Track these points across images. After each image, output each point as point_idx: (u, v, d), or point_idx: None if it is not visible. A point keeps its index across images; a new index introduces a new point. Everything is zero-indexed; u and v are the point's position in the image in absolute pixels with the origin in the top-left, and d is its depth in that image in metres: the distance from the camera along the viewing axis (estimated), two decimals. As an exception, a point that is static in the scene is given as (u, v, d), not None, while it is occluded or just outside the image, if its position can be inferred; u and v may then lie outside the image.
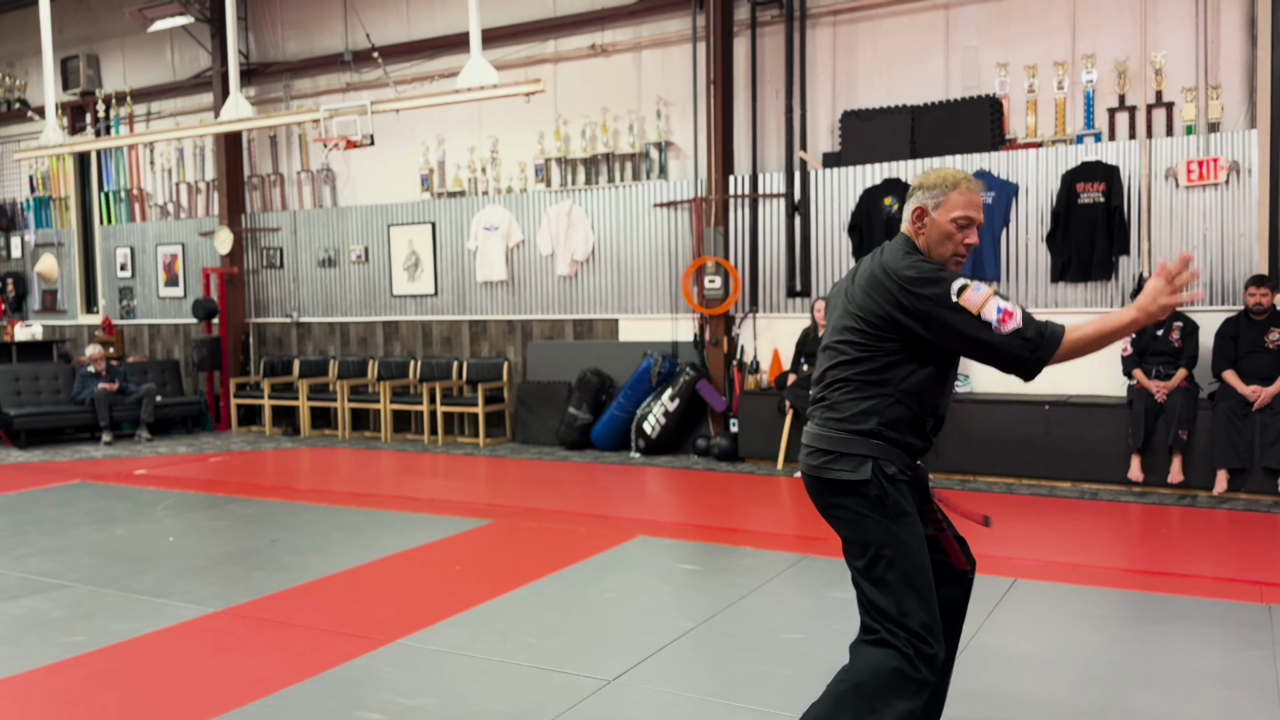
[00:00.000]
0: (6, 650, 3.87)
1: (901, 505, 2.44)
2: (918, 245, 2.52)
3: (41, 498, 7.07)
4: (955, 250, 2.50)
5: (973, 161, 7.80)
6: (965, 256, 2.54)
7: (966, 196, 2.48)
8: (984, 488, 7.06)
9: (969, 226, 2.49)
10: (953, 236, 2.48)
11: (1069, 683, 3.47)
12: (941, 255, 2.50)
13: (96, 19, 12.23)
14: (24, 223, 13.06)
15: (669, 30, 9.07)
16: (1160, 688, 3.39)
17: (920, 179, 2.54)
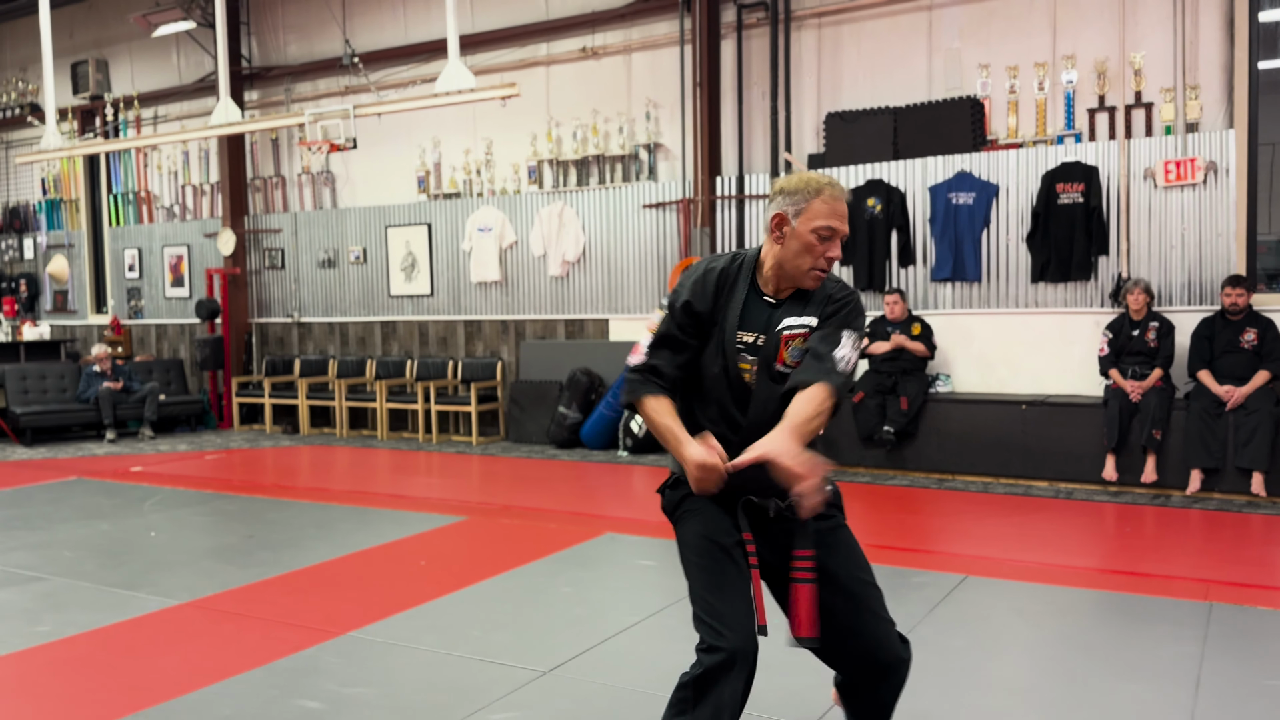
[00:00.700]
0: (-25, 639, 4.04)
1: (678, 506, 2.43)
2: (773, 255, 2.38)
3: (36, 494, 7.27)
4: (814, 265, 2.33)
5: (954, 162, 7.84)
6: (825, 272, 2.36)
7: (830, 205, 2.32)
8: (961, 487, 7.11)
9: (831, 238, 2.31)
10: (813, 248, 2.32)
11: (986, 677, 3.54)
12: (799, 268, 2.35)
13: (106, 24, 12.47)
14: (36, 224, 13.34)
15: (658, 33, 9.16)
16: (1076, 680, 3.45)
17: (782, 183, 2.38)
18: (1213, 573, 4.79)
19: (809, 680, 3.14)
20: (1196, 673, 3.48)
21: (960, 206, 7.82)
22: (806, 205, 2.32)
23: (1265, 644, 3.80)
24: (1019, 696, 3.38)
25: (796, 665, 2.94)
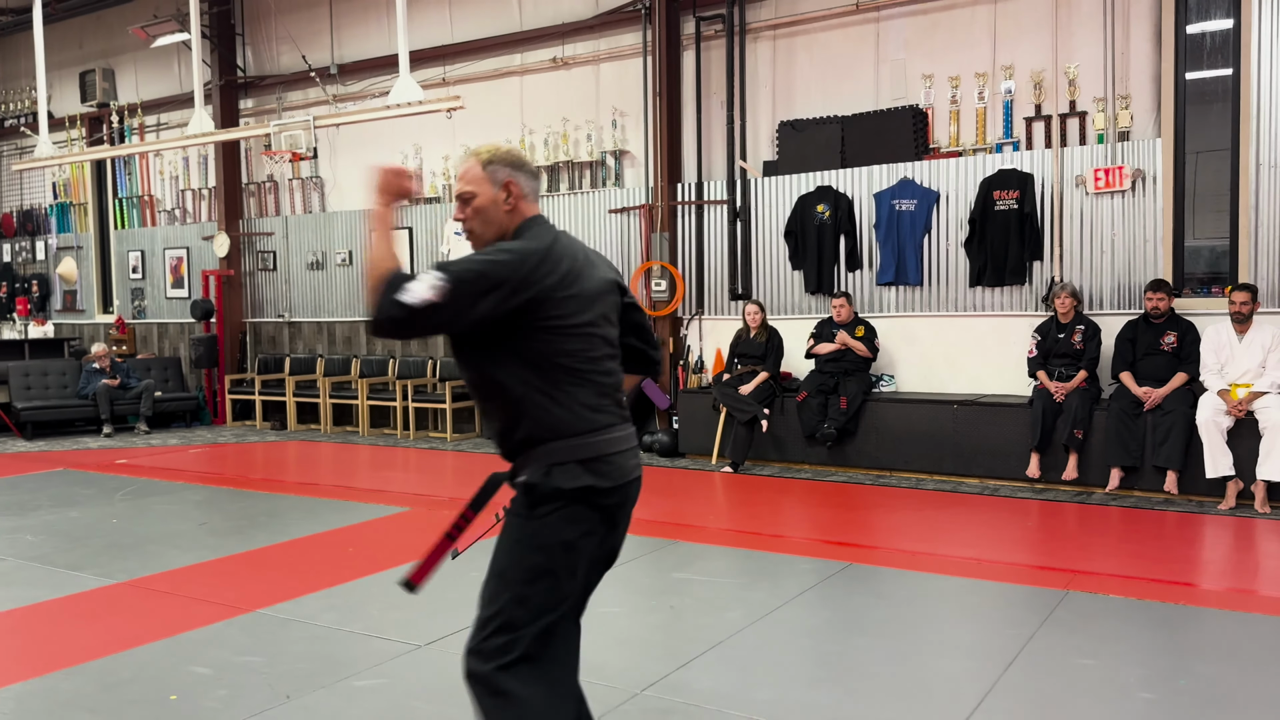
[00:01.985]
0: (-76, 612, 4.46)
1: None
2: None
3: (21, 483, 7.74)
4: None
5: (897, 170, 8.09)
6: (465, 232, 2.46)
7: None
8: (895, 483, 7.37)
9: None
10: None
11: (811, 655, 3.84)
12: None
13: (112, 35, 12.99)
14: (47, 227, 13.92)
15: (624, 44, 9.48)
16: (894, 657, 3.73)
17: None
18: (1086, 564, 5.04)
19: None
20: (1016, 652, 3.76)
21: (903, 213, 8.07)
22: None
23: (1098, 627, 4.06)
24: (831, 669, 3.67)
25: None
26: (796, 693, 3.44)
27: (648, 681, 3.53)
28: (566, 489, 2.28)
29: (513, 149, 2.47)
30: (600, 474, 2.31)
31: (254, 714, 3.29)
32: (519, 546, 2.29)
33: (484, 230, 2.43)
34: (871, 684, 3.52)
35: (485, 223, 2.41)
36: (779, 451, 8.11)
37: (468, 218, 2.40)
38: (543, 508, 2.28)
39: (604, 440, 2.34)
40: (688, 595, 4.61)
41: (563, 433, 2.30)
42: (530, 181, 2.44)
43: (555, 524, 2.29)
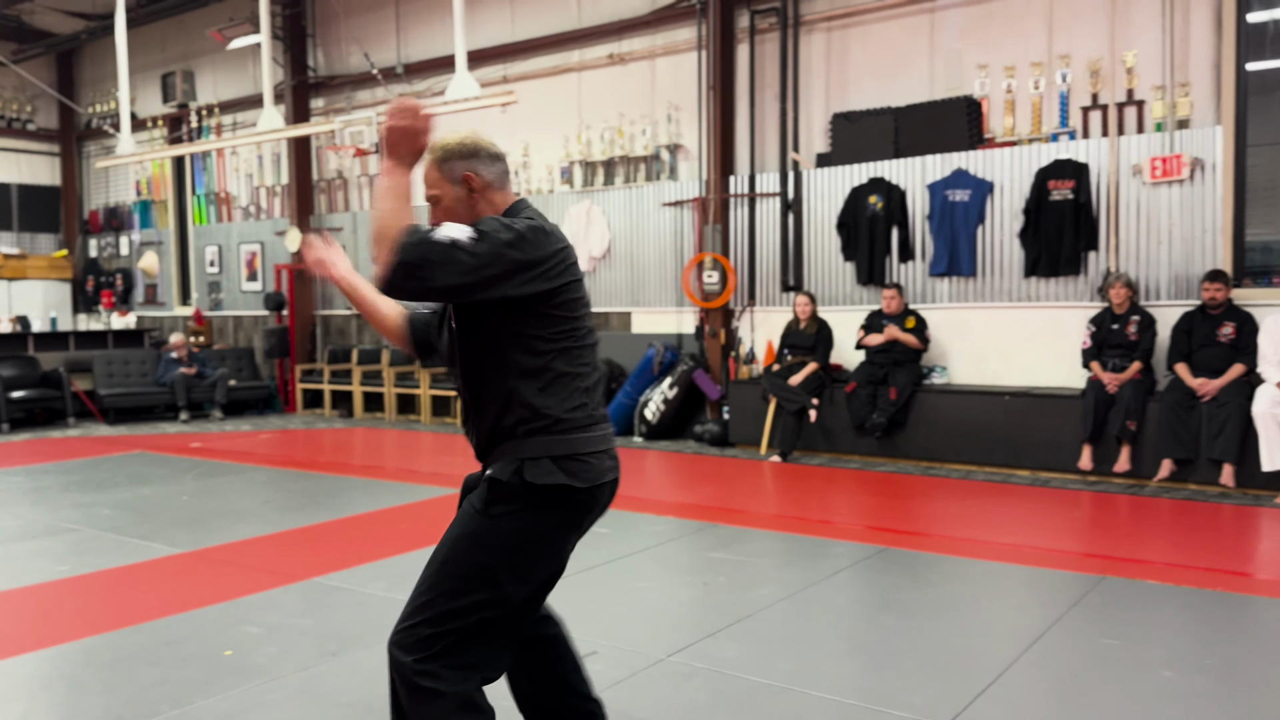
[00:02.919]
0: (7, 574, 4.79)
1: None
2: None
3: (101, 464, 8.17)
4: None
5: (951, 161, 8.06)
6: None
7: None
8: (944, 474, 7.36)
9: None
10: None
11: (835, 630, 3.91)
12: None
13: (192, 38, 13.52)
14: (130, 223, 14.56)
15: (679, 39, 9.59)
16: (912, 634, 3.79)
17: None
18: (1127, 552, 5.01)
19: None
20: (1041, 631, 3.79)
21: (956, 203, 8.04)
22: None
23: (1129, 611, 4.05)
24: (854, 644, 3.74)
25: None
26: (816, 664, 3.52)
27: (672, 649, 3.65)
28: (538, 485, 2.19)
29: (466, 138, 2.34)
30: (574, 473, 2.23)
31: (301, 668, 3.50)
32: (466, 541, 2.22)
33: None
34: (892, 658, 3.59)
35: (456, 222, 2.25)
36: (828, 442, 8.14)
37: (437, 221, 2.28)
38: (499, 506, 2.21)
39: (582, 438, 2.26)
40: (721, 573, 4.71)
41: (544, 427, 2.23)
42: (492, 166, 2.33)
43: (510, 524, 2.20)
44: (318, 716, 3.13)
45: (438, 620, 2.18)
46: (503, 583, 2.20)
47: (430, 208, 2.33)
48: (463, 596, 2.18)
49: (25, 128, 14.93)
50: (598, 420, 2.33)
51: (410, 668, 2.16)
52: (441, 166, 2.31)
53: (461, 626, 2.18)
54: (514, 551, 2.22)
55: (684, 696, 3.25)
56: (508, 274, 2.12)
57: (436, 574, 2.22)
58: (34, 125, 15.04)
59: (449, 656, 2.18)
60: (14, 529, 5.78)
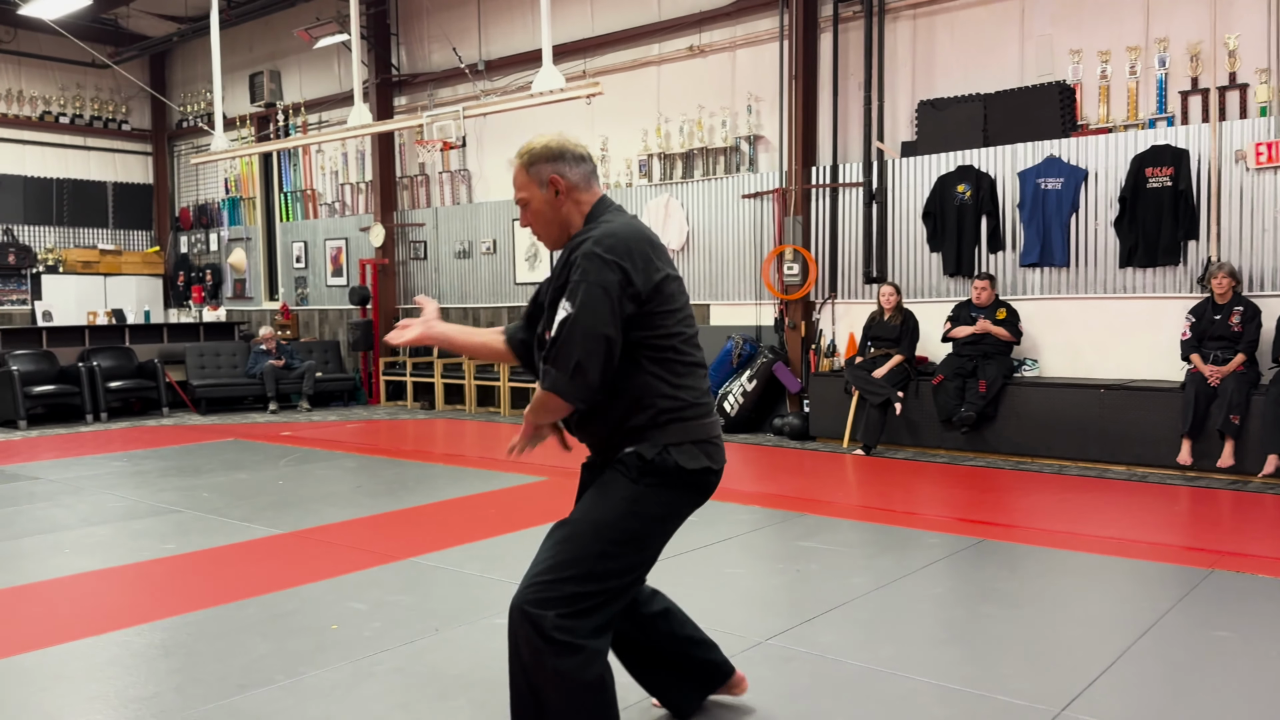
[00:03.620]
0: (118, 552, 4.97)
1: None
2: None
3: (197, 450, 8.43)
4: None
5: (1043, 148, 7.87)
6: (536, 236, 2.53)
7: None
8: (1036, 469, 7.20)
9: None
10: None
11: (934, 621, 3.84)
12: None
13: (279, 39, 13.87)
14: (220, 220, 15.00)
15: (760, 29, 9.54)
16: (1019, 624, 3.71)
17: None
18: (1235, 546, 4.83)
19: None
20: (1149, 623, 3.68)
21: (1049, 192, 7.85)
22: None
23: (1242, 604, 3.91)
24: (955, 632, 3.67)
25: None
26: (919, 651, 3.47)
27: (770, 633, 3.63)
28: (688, 469, 2.31)
29: (552, 140, 2.41)
30: (713, 457, 2.39)
31: (406, 643, 3.57)
32: (623, 505, 2.31)
33: (546, 231, 2.46)
34: (995, 647, 3.52)
35: (545, 224, 2.44)
36: (912, 436, 8.02)
37: (528, 223, 2.47)
38: (652, 478, 2.31)
39: (712, 423, 2.42)
40: (813, 561, 4.67)
41: (679, 412, 2.33)
42: (577, 167, 2.40)
43: (661, 497, 2.32)
44: (424, 688, 3.19)
45: (586, 579, 2.25)
46: (647, 549, 2.35)
47: (520, 209, 2.47)
48: (613, 559, 2.28)
49: (120, 128, 15.48)
50: (712, 405, 2.47)
51: (551, 622, 2.21)
52: (529, 170, 2.40)
53: (607, 588, 2.28)
54: (659, 521, 2.35)
55: (785, 678, 3.23)
56: (624, 311, 2.26)
57: (591, 534, 2.30)
58: (128, 126, 15.58)
59: (591, 616, 2.26)
60: (120, 510, 6.00)
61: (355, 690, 3.16)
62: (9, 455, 8.30)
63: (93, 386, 10.83)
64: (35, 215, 14.60)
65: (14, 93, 14.42)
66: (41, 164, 14.72)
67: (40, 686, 3.26)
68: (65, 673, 3.37)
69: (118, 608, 4.10)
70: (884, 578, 4.36)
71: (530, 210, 2.43)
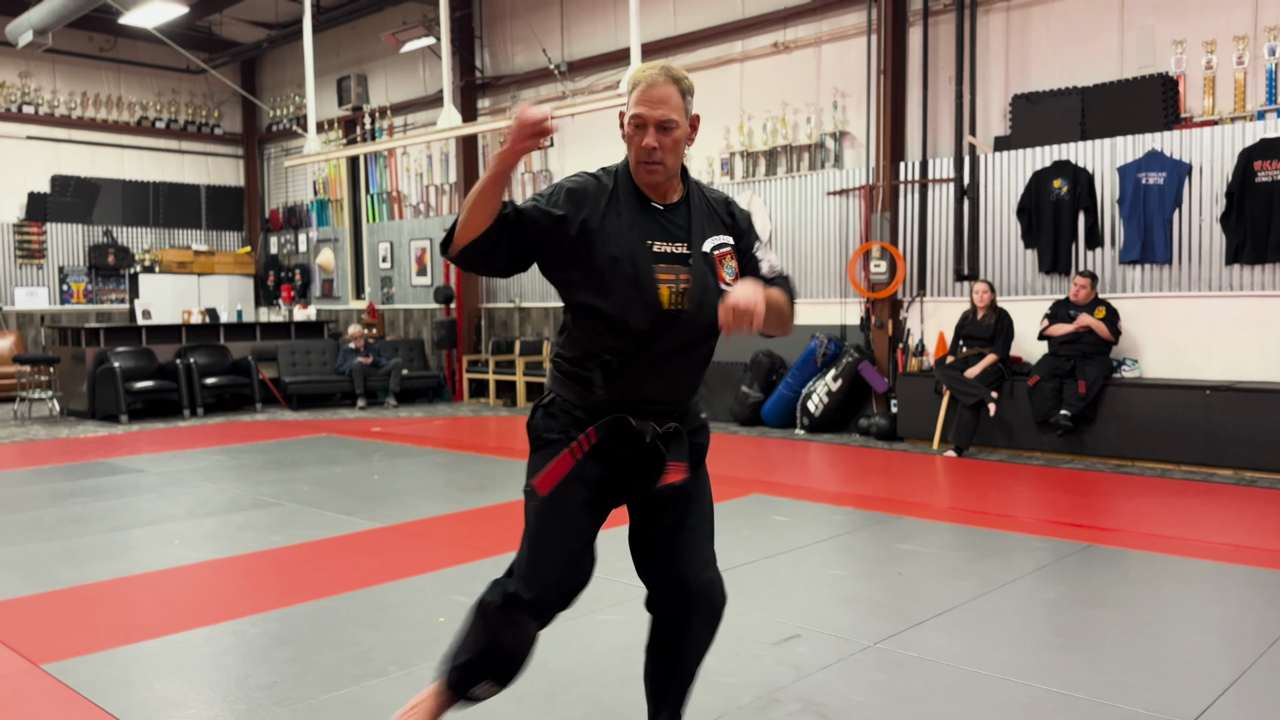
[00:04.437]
0: (226, 543, 5.12)
1: (541, 432, 2.34)
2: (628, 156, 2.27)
3: (292, 445, 8.64)
4: (638, 156, 2.19)
5: (1144, 142, 7.63)
6: (654, 164, 2.18)
7: (644, 92, 2.15)
8: (1137, 472, 6.98)
9: (644, 127, 2.15)
10: (632, 139, 2.19)
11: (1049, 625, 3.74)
12: (634, 163, 2.22)
13: (365, 43, 14.16)
14: (308, 221, 15.37)
15: (847, 24, 9.42)
16: (1142, 631, 3.58)
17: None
18: (1363, 557, 4.62)
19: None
20: (1272, 638, 3.53)
21: (1150, 187, 7.60)
22: (629, 98, 2.21)
23: (1378, 619, 3.74)
24: (1069, 638, 3.57)
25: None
26: (1034, 657, 3.38)
27: (878, 637, 3.58)
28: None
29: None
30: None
31: (512, 637, 3.59)
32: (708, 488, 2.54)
33: (674, 166, 2.23)
34: (1112, 654, 3.41)
35: (676, 159, 2.22)
36: (1006, 438, 7.84)
37: (663, 148, 2.16)
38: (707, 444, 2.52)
39: None
40: (914, 564, 4.59)
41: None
42: None
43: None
44: (533, 682, 3.21)
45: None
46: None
47: (651, 130, 2.16)
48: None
49: (213, 132, 15.96)
50: None
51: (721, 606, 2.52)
52: (686, 97, 2.20)
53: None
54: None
55: (899, 683, 3.18)
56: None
57: (711, 519, 2.52)
58: (220, 130, 16.06)
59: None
60: (224, 502, 6.18)
61: (468, 683, 3.19)
62: (113, 449, 8.62)
63: (190, 383, 11.19)
64: (133, 217, 15.14)
65: (114, 99, 14.97)
66: (139, 168, 15.25)
67: (165, 673, 3.36)
68: (188, 660, 3.48)
69: (231, 598, 4.22)
70: (989, 582, 4.26)
71: (672, 137, 2.17)
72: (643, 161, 2.19)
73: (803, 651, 3.45)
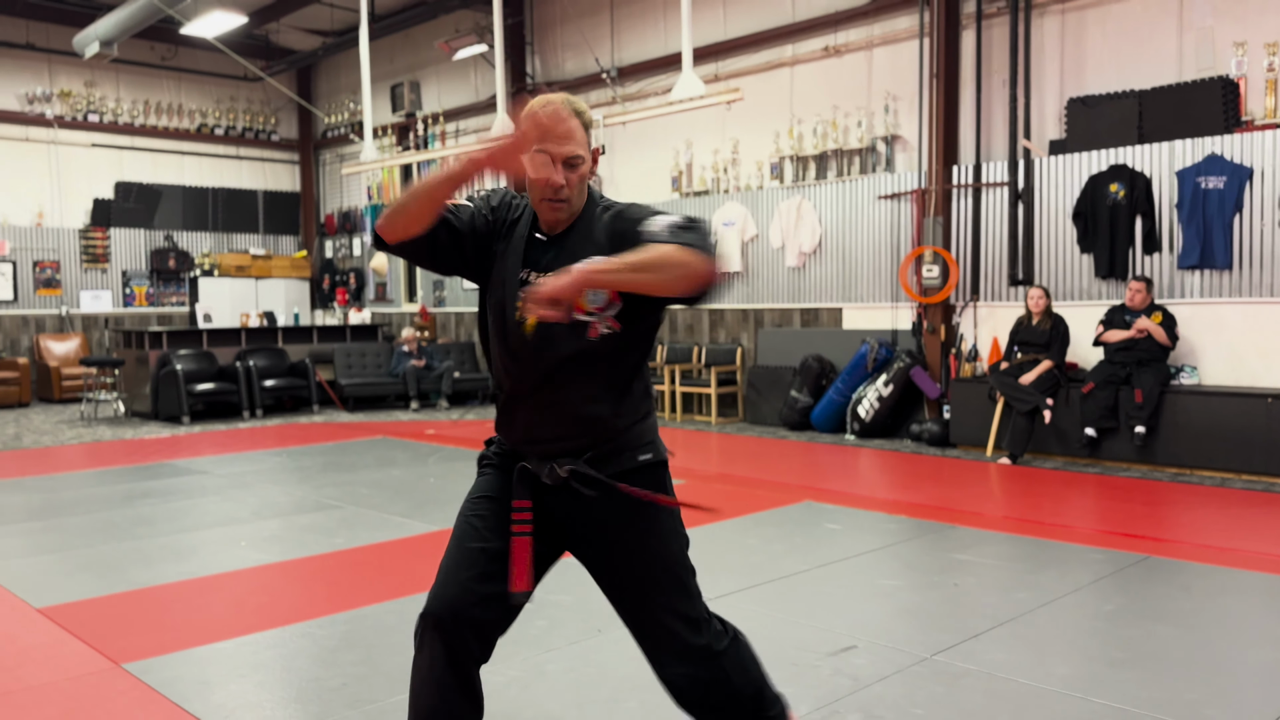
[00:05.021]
0: (290, 545, 5.26)
1: (481, 460, 2.33)
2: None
3: (350, 447, 8.82)
4: (541, 193, 2.07)
5: (1203, 146, 7.52)
6: (560, 202, 2.08)
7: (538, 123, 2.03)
8: (1196, 481, 6.89)
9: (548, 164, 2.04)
10: (536, 177, 2.05)
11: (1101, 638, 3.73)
12: (536, 200, 2.11)
13: (418, 51, 14.38)
14: (363, 226, 15.63)
15: (899, 28, 9.39)
16: (1206, 646, 3.56)
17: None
18: None
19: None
20: (1346, 653, 3.49)
21: (1210, 191, 7.49)
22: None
23: None
24: (1132, 652, 3.55)
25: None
26: (1095, 671, 3.38)
27: (937, 649, 3.59)
28: (664, 460, 2.25)
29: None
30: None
31: (571, 642, 3.68)
32: (677, 533, 2.26)
33: (578, 204, 2.13)
34: (1176, 669, 3.40)
35: (580, 195, 2.12)
36: (1062, 445, 7.76)
37: (569, 185, 2.06)
38: (668, 484, 2.24)
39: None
40: (970, 575, 4.59)
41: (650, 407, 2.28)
42: None
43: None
44: (593, 687, 3.28)
45: (705, 607, 2.33)
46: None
47: (559, 166, 2.05)
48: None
49: (269, 138, 16.29)
50: None
51: (729, 649, 2.30)
52: (589, 130, 2.12)
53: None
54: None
55: (958, 696, 3.20)
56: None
57: (684, 572, 2.28)
58: (277, 136, 16.38)
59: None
60: (287, 504, 6.34)
61: (531, 689, 3.28)
62: (177, 450, 8.86)
63: (249, 385, 11.45)
64: (193, 222, 15.51)
65: (175, 106, 15.35)
66: (198, 174, 15.62)
67: (240, 674, 3.49)
68: (261, 662, 3.60)
69: (298, 600, 4.35)
70: (1048, 594, 4.25)
71: (579, 173, 2.08)
72: (547, 199, 2.08)
73: (860, 662, 3.48)
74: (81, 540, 5.44)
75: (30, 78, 14.06)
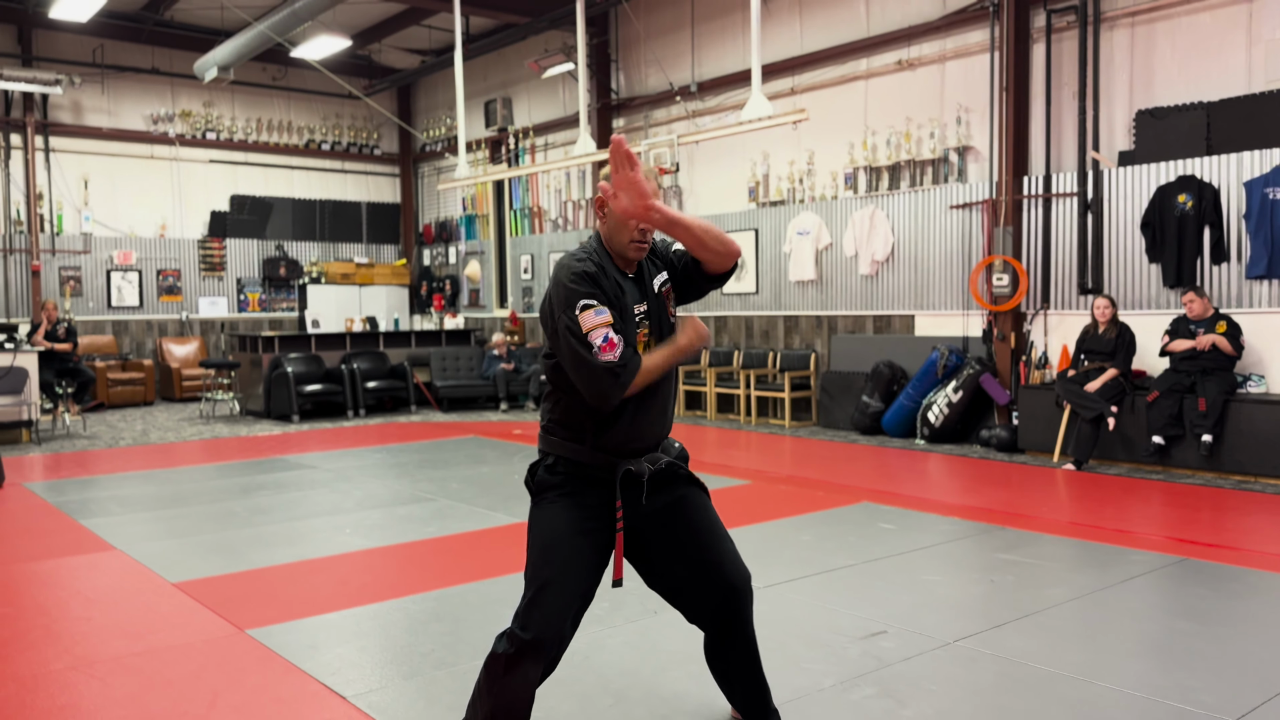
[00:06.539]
0: (389, 532, 5.87)
1: (545, 488, 2.63)
2: (603, 234, 2.55)
3: (444, 445, 9.47)
4: (632, 236, 2.48)
5: (1272, 157, 7.58)
6: (645, 243, 2.51)
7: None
8: (1260, 489, 6.98)
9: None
10: (628, 223, 2.44)
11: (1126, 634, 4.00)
12: (621, 243, 2.50)
13: (510, 69, 15.06)
14: (457, 235, 16.41)
15: (971, 41, 9.61)
16: (1227, 642, 3.82)
17: (606, 168, 2.41)
18: None
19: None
20: (1352, 649, 3.71)
21: (1277, 201, 7.55)
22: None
23: None
24: (1149, 645, 3.83)
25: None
26: (1105, 659, 3.69)
27: (960, 635, 3.94)
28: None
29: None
30: None
31: (629, 621, 4.14)
32: (709, 499, 2.88)
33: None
34: (1184, 660, 3.68)
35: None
36: (1127, 452, 7.90)
37: (649, 231, 2.54)
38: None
39: None
40: (1010, 573, 4.89)
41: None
42: None
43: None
44: (647, 659, 3.73)
45: None
46: None
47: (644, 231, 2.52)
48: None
49: (372, 153, 17.21)
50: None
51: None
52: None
53: None
54: None
55: (971, 676, 3.55)
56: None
57: (721, 524, 2.87)
58: (379, 150, 17.30)
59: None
60: (387, 496, 6.97)
61: (592, 659, 3.75)
62: (289, 446, 9.64)
63: (353, 386, 12.26)
64: (301, 232, 16.52)
65: (285, 124, 16.37)
66: (307, 187, 16.63)
67: (343, 640, 4.05)
68: (361, 630, 4.17)
69: (395, 580, 4.92)
70: (1080, 591, 4.54)
71: (652, 233, 2.58)
72: (635, 241, 2.51)
73: (888, 646, 3.86)
74: (207, 526, 6.14)
75: (155, 100, 15.21)
